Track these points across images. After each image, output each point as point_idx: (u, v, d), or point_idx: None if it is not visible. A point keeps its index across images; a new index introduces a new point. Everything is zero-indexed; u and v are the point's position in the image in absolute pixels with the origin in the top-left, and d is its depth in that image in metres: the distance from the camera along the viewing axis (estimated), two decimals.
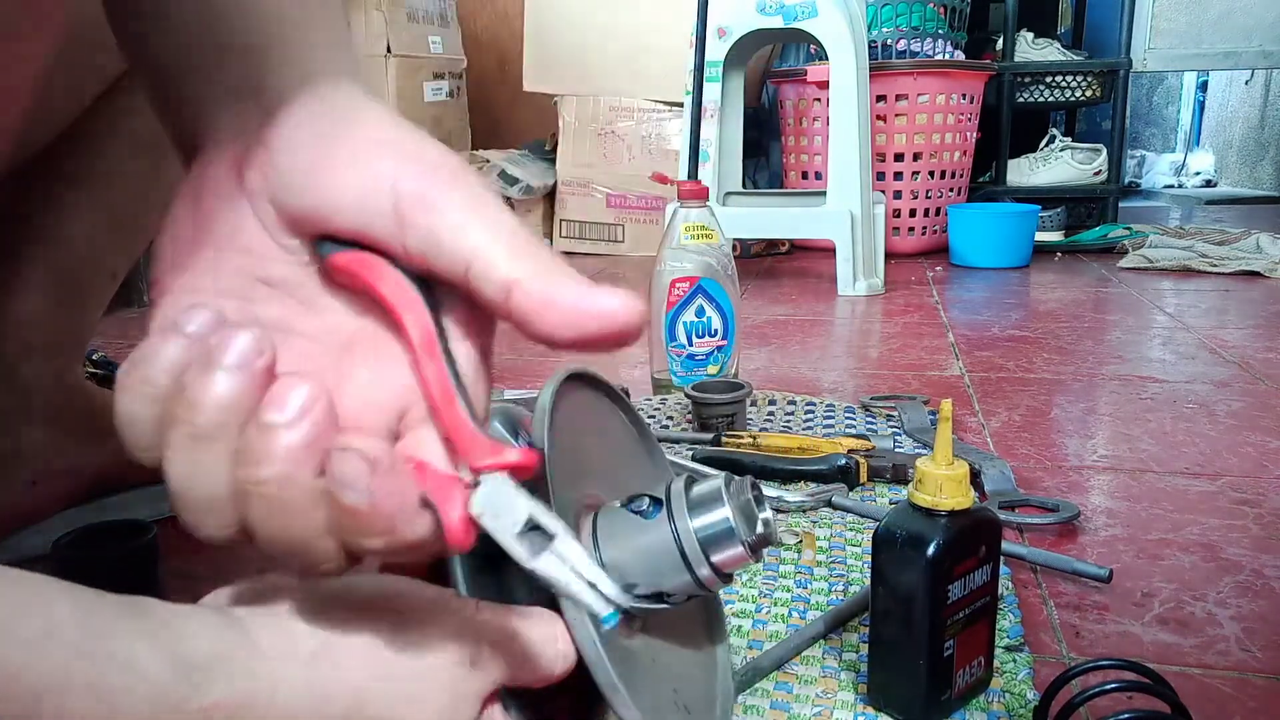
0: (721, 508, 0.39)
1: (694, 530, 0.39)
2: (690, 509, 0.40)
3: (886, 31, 2.25)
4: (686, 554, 0.39)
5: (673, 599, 0.40)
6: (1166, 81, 4.88)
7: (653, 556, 0.39)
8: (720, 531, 0.39)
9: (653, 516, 0.40)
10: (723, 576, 0.40)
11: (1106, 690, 0.44)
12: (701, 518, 0.39)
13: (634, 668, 0.39)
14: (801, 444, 0.85)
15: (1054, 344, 1.35)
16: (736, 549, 0.40)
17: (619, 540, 0.39)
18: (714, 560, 0.39)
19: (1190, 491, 0.80)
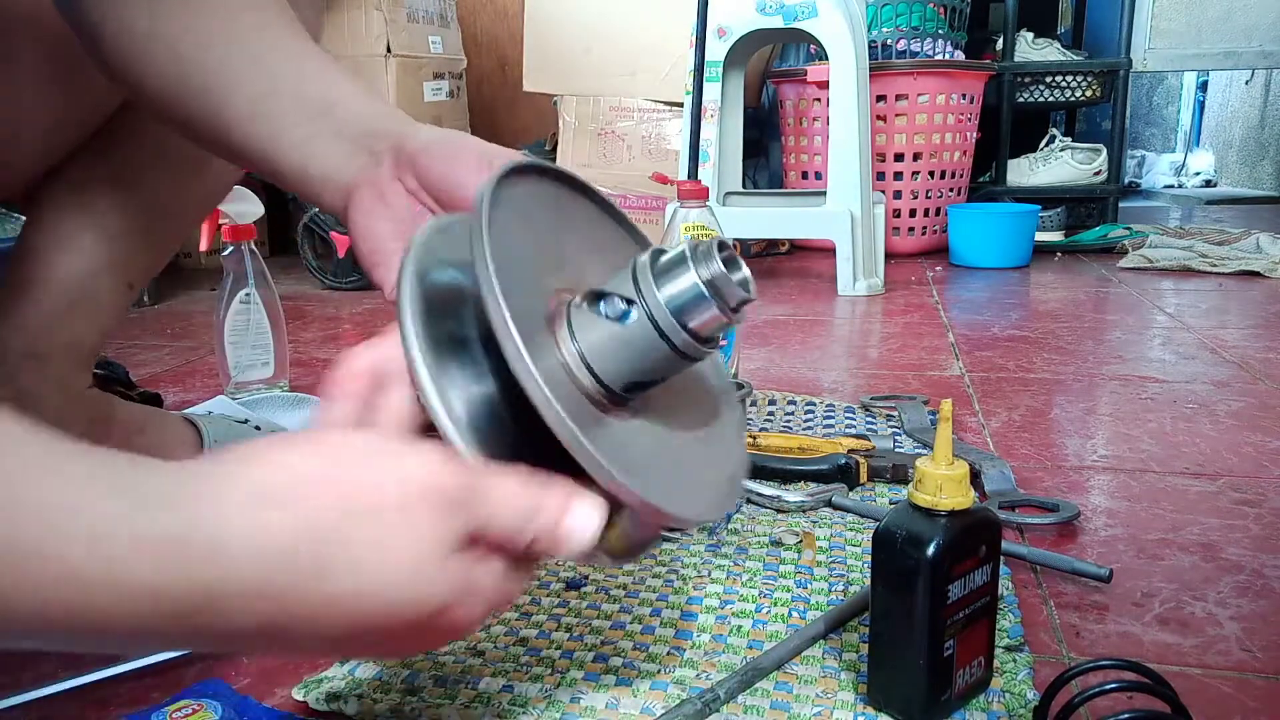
0: (688, 272, 0.39)
1: (664, 302, 0.39)
2: (657, 278, 0.39)
3: (886, 31, 2.25)
4: (661, 327, 0.39)
5: (662, 374, 0.41)
6: (1166, 81, 4.88)
7: (631, 341, 0.39)
8: (691, 297, 0.39)
9: (627, 317, 0.39)
10: (703, 341, 0.40)
11: (1106, 690, 0.44)
12: (669, 287, 0.39)
13: (629, 449, 0.40)
14: (801, 444, 0.85)
15: (1054, 344, 1.35)
16: (711, 311, 0.39)
17: (595, 334, 0.39)
18: (691, 326, 0.39)
19: (1190, 491, 0.80)
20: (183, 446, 0.77)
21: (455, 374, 0.38)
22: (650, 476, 0.39)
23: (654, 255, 0.40)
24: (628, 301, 0.39)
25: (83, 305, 0.70)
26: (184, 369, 1.30)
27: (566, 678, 0.53)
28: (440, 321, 0.39)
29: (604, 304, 0.40)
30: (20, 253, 0.71)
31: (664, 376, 0.41)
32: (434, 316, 0.39)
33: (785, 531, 0.71)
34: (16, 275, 0.70)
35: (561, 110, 2.37)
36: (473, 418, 0.38)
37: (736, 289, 0.39)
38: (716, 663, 0.54)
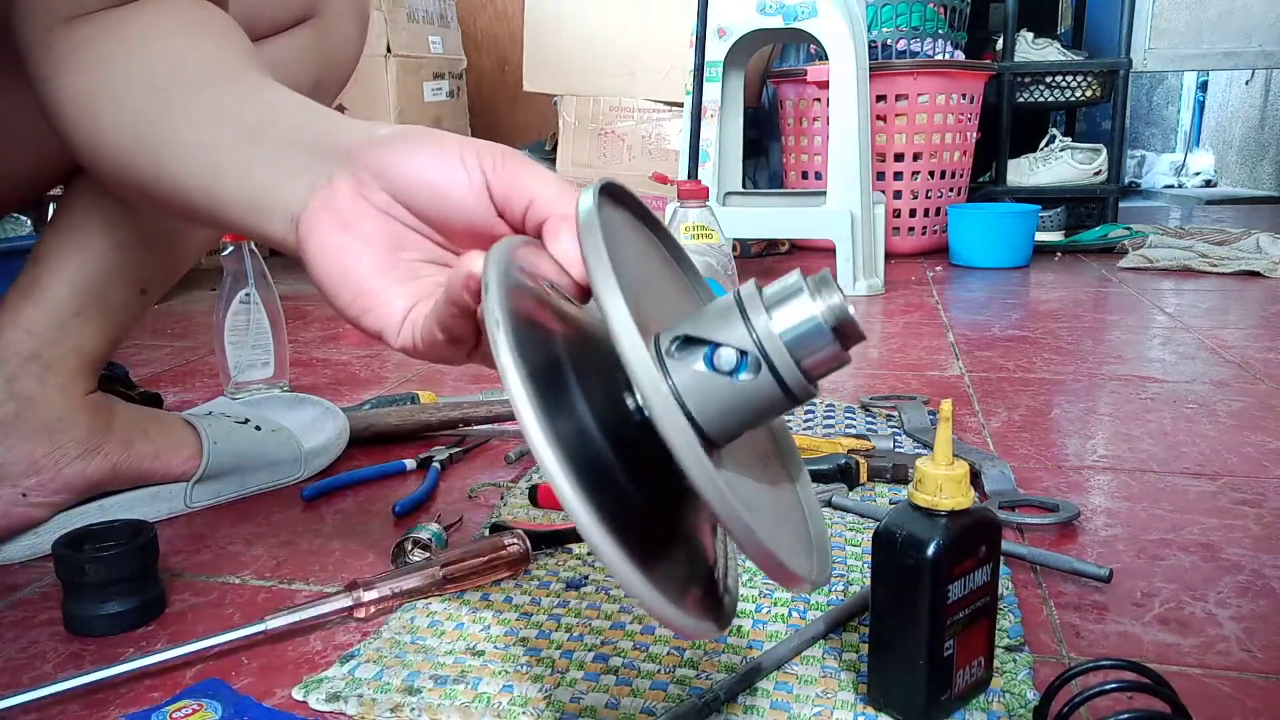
0: (806, 303, 0.35)
1: (779, 336, 0.35)
2: (770, 311, 0.35)
3: (886, 31, 2.25)
4: (773, 361, 0.34)
5: (763, 420, 0.36)
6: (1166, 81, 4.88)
7: (745, 399, 0.35)
8: (809, 332, 0.35)
9: (740, 373, 0.35)
10: (813, 381, 0.36)
11: (1106, 690, 0.44)
12: (784, 319, 0.35)
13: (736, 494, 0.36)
14: (801, 444, 0.85)
15: (1054, 344, 1.35)
16: (830, 349, 0.35)
17: (699, 386, 0.35)
18: (806, 365, 0.35)
19: (1190, 491, 0.80)
20: (183, 448, 0.77)
21: (558, 415, 0.33)
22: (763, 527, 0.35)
23: (757, 286, 0.36)
24: (740, 352, 0.35)
25: (91, 310, 0.70)
26: (184, 369, 1.30)
27: (566, 678, 0.53)
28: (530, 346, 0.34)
29: (712, 354, 0.35)
30: (35, 256, 0.71)
31: (763, 422, 0.37)
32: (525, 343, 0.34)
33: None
34: (28, 277, 0.70)
35: (561, 110, 2.37)
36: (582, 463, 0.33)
37: (853, 323, 0.36)
38: (716, 663, 0.54)
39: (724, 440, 0.36)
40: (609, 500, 0.32)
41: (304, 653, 0.57)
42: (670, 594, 0.33)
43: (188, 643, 0.55)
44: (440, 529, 0.70)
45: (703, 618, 0.35)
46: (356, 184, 0.42)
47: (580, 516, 0.30)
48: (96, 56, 0.51)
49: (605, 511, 0.31)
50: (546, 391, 0.33)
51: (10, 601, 0.64)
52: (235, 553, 0.72)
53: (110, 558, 0.60)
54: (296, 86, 0.50)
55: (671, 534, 0.38)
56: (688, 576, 0.37)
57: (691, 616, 0.33)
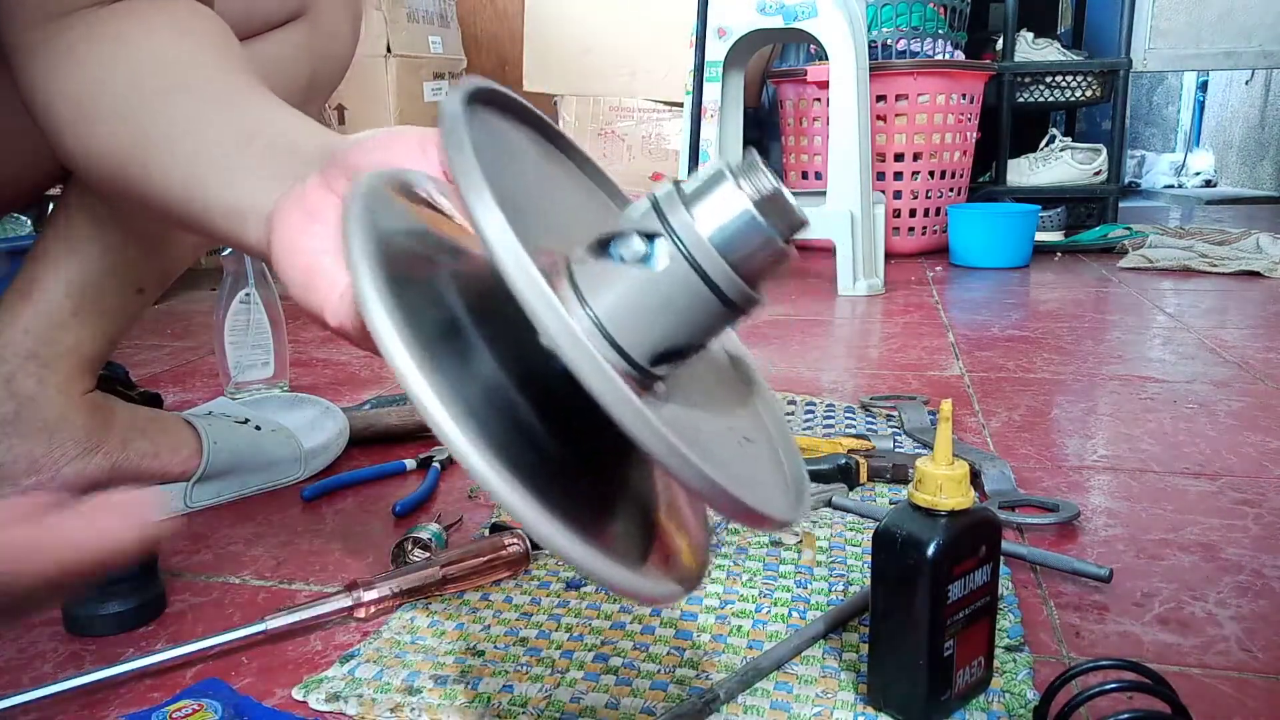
0: (733, 193, 0.29)
1: (707, 237, 0.29)
2: (691, 208, 0.29)
3: (886, 31, 2.25)
4: (702, 265, 0.29)
5: (704, 342, 0.31)
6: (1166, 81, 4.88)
7: (666, 301, 0.29)
8: (743, 227, 0.29)
9: (651, 257, 0.29)
10: (757, 289, 0.30)
11: (1106, 690, 0.44)
12: (710, 215, 0.29)
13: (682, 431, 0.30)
14: (801, 444, 0.85)
15: (1054, 344, 1.34)
16: (767, 241, 0.30)
17: (611, 292, 0.29)
18: (739, 262, 0.29)
19: (1190, 491, 0.80)
20: (182, 448, 0.77)
21: (447, 361, 0.29)
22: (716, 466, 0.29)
23: (675, 182, 0.31)
24: (648, 237, 0.29)
25: (88, 310, 0.70)
26: (184, 369, 1.30)
27: (566, 678, 0.53)
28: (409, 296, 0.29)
29: (617, 246, 0.30)
30: (33, 255, 0.71)
31: (700, 342, 0.31)
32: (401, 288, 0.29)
33: (785, 531, 0.71)
34: (25, 277, 0.70)
35: (561, 110, 2.37)
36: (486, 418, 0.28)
37: (794, 209, 0.30)
38: (716, 663, 0.54)
39: (660, 362, 0.30)
40: (531, 460, 0.28)
41: (304, 653, 0.57)
42: (621, 555, 0.29)
43: (188, 643, 0.55)
44: (440, 529, 0.70)
45: (663, 578, 0.31)
46: (324, 179, 0.42)
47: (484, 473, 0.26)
48: (85, 61, 0.50)
49: (528, 473, 0.27)
50: (438, 344, 0.28)
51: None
52: (235, 553, 0.72)
53: None
54: (290, 83, 0.50)
55: (624, 492, 0.34)
56: (648, 536, 0.33)
57: (645, 577, 0.29)
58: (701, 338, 0.31)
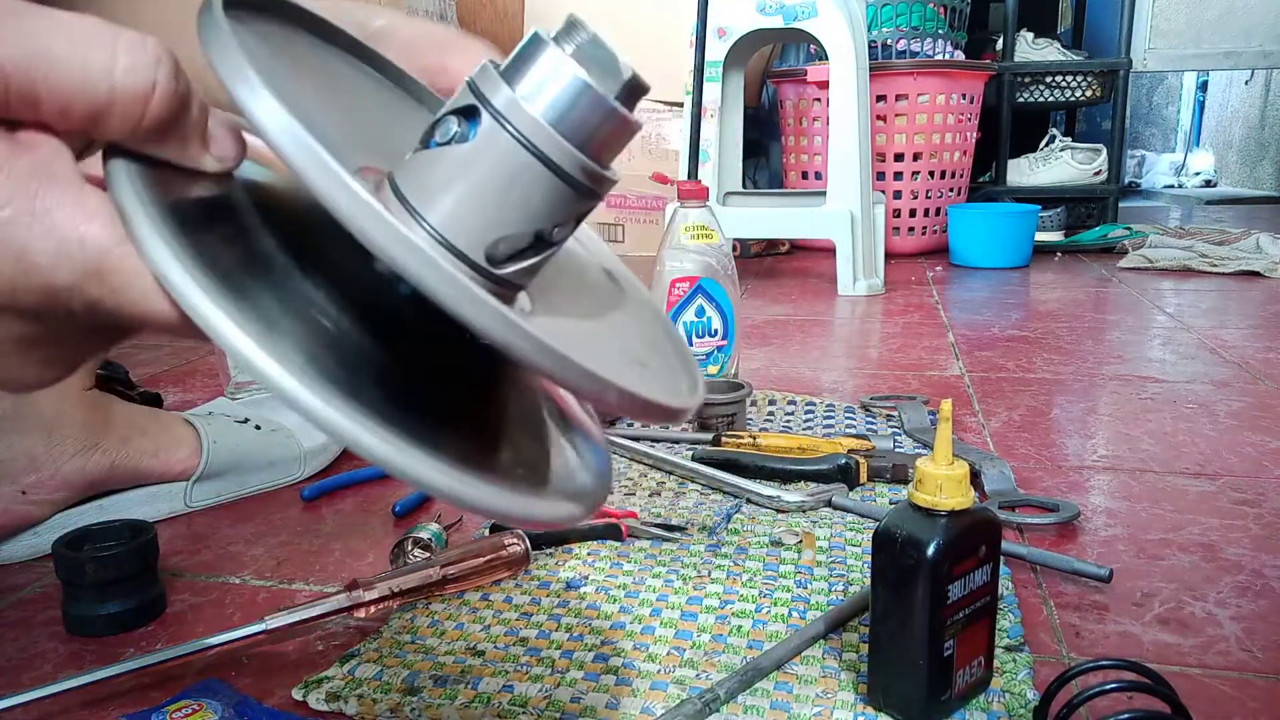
0: (556, 58, 0.26)
1: (533, 110, 0.26)
2: (513, 84, 0.26)
3: (886, 31, 2.25)
4: (539, 147, 0.26)
5: (552, 235, 0.28)
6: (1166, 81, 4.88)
7: (499, 184, 0.26)
8: (573, 92, 0.26)
9: (472, 135, 0.26)
10: (604, 164, 0.27)
11: (1106, 690, 0.44)
12: (535, 90, 0.26)
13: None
14: (801, 444, 0.85)
15: (1054, 344, 1.34)
16: (606, 107, 0.26)
17: (441, 191, 0.26)
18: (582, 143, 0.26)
19: (1190, 491, 0.80)
20: (182, 447, 0.77)
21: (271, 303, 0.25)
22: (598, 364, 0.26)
23: (493, 60, 0.27)
24: (467, 113, 0.26)
25: None
26: (184, 369, 1.30)
27: (566, 678, 0.53)
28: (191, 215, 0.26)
29: (434, 134, 0.27)
30: None
31: (549, 234, 0.27)
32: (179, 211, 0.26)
33: (785, 531, 0.71)
34: None
35: None
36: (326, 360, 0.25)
37: (620, 65, 0.27)
38: (716, 663, 0.54)
39: (510, 260, 0.27)
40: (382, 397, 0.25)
41: (304, 653, 0.57)
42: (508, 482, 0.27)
43: (188, 643, 0.55)
44: (440, 529, 0.70)
45: (559, 500, 0.28)
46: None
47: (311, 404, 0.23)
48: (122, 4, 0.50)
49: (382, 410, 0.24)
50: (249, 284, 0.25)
51: (10, 601, 0.64)
52: (235, 553, 0.72)
53: (110, 558, 0.60)
54: None
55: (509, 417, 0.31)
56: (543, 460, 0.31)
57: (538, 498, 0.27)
58: (547, 225, 0.27)
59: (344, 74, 0.33)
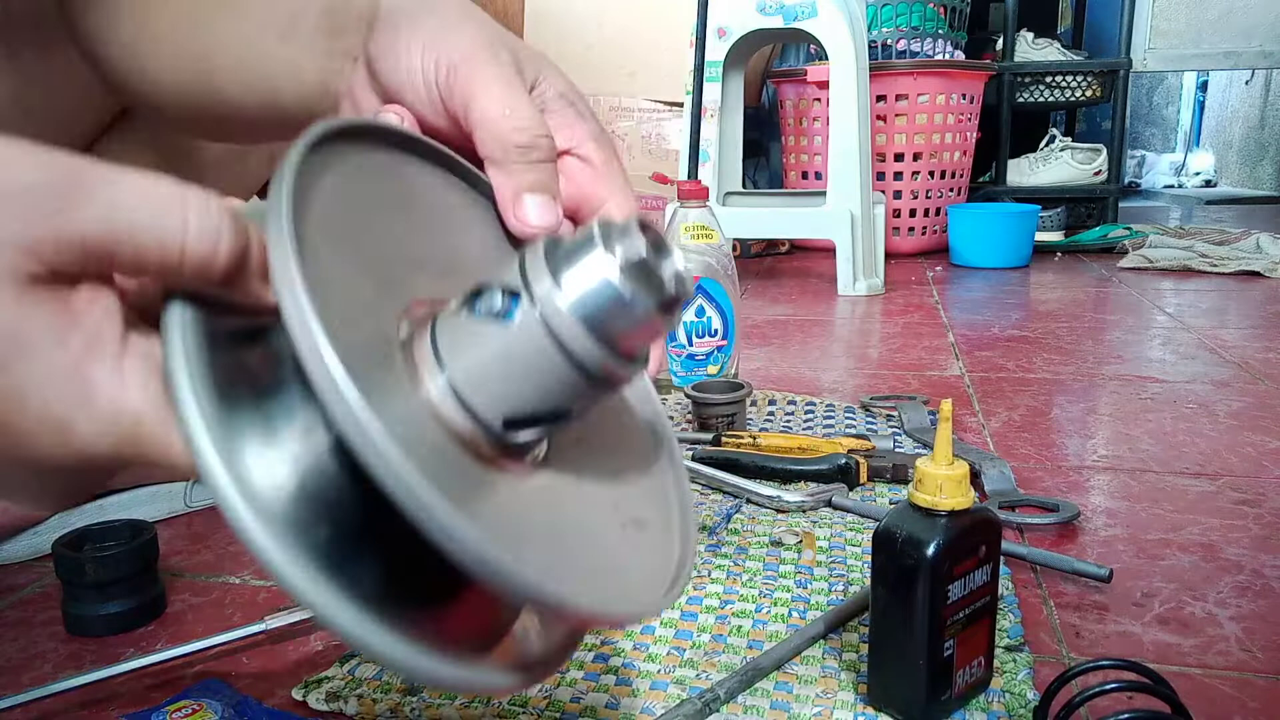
0: (599, 260, 0.27)
1: (565, 305, 0.27)
2: (556, 273, 0.27)
3: (886, 31, 2.25)
4: (556, 330, 0.27)
5: (571, 412, 0.29)
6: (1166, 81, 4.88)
7: (522, 365, 0.27)
8: (604, 297, 0.27)
9: (511, 316, 0.27)
10: (629, 359, 0.28)
11: (1106, 690, 0.44)
12: (573, 282, 0.27)
13: (525, 518, 0.29)
14: (801, 444, 0.85)
15: (1054, 344, 1.35)
16: (632, 314, 0.27)
17: (470, 353, 0.28)
18: (611, 341, 0.28)
19: (1190, 491, 0.80)
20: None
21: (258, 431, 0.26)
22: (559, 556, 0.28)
23: (551, 242, 0.29)
24: (510, 294, 0.28)
25: None
26: None
27: (566, 678, 0.53)
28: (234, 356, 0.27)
29: (479, 301, 0.28)
30: None
31: (570, 411, 0.29)
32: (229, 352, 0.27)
33: (785, 531, 0.71)
34: None
35: None
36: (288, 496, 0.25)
37: (666, 281, 0.28)
38: (716, 663, 0.54)
39: (522, 427, 0.28)
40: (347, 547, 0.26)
41: (304, 653, 0.57)
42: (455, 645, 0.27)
43: (188, 643, 0.55)
44: None
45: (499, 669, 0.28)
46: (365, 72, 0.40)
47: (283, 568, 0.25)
48: (135, 5, 0.50)
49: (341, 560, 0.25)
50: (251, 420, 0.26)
51: (10, 601, 0.64)
52: (235, 552, 0.71)
53: (110, 557, 0.60)
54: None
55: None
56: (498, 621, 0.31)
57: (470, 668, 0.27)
58: (567, 405, 0.29)
59: (426, 189, 0.34)
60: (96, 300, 0.26)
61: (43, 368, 0.25)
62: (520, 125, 0.35)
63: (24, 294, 0.25)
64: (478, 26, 0.38)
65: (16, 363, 0.25)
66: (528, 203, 0.35)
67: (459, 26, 0.37)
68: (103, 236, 0.25)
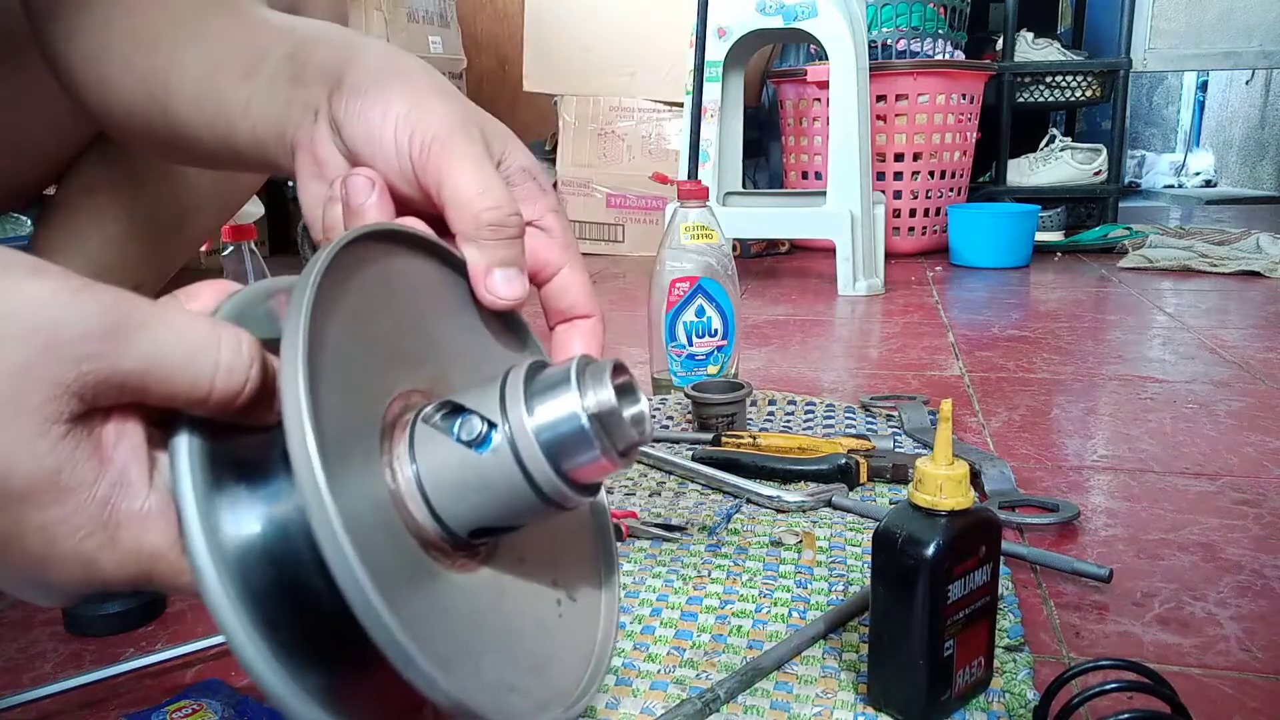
0: (571, 403, 0.30)
1: (535, 440, 0.30)
2: (531, 407, 0.31)
3: (886, 31, 2.25)
4: (526, 465, 0.30)
5: (520, 522, 0.32)
6: (1166, 81, 4.88)
7: (488, 487, 0.31)
8: (569, 431, 0.30)
9: (486, 447, 0.30)
10: (581, 489, 0.32)
11: (1106, 690, 0.44)
12: (545, 418, 0.30)
13: (462, 616, 0.31)
14: (801, 444, 0.85)
15: (1054, 344, 1.35)
16: (592, 453, 0.31)
17: (441, 461, 0.30)
18: (564, 468, 0.31)
19: (1190, 491, 0.80)
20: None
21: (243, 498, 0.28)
22: (484, 659, 0.30)
23: (531, 371, 0.32)
24: (488, 424, 0.31)
25: None
26: None
27: None
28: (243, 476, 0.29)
29: (458, 423, 0.31)
30: (34, 250, 0.71)
31: (522, 524, 0.32)
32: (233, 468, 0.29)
33: (785, 531, 0.71)
34: None
35: (561, 110, 2.37)
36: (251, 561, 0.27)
37: (629, 428, 0.31)
38: (716, 663, 0.54)
39: (477, 536, 0.32)
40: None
41: None
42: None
43: (188, 643, 0.55)
44: None
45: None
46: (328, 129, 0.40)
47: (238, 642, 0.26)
48: (98, 16, 0.50)
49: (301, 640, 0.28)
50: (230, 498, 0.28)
51: (10, 601, 0.64)
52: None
53: None
54: None
55: None
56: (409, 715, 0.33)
57: None
58: (520, 522, 0.32)
59: (427, 284, 0.36)
60: (124, 435, 0.28)
61: (76, 509, 0.27)
62: (493, 205, 0.37)
63: (65, 435, 0.26)
64: (449, 103, 0.39)
65: (54, 506, 0.26)
66: (498, 276, 0.37)
67: (430, 102, 0.39)
68: (141, 378, 0.27)
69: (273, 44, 0.44)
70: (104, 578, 0.28)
